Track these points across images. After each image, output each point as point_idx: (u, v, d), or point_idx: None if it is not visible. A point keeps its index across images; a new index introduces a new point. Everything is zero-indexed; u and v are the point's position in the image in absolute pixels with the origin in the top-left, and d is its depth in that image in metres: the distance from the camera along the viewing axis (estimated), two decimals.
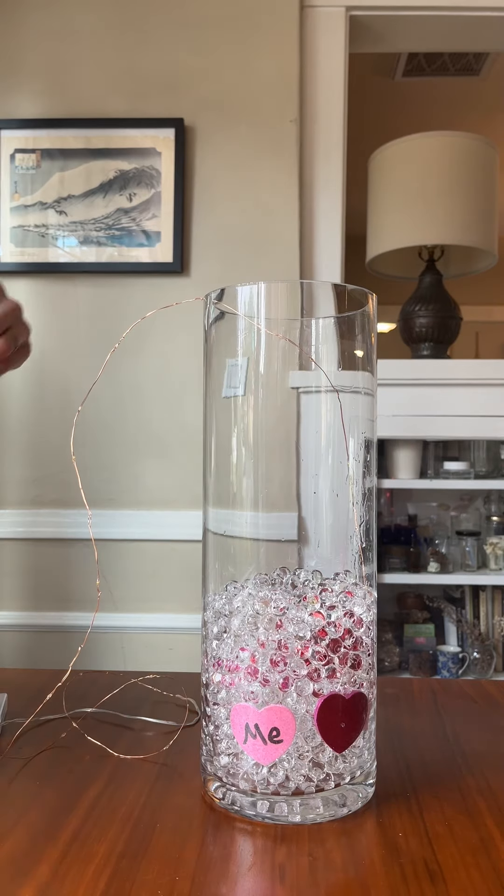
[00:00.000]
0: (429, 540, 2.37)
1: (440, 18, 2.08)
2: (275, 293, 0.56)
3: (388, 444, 2.24)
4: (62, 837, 0.49)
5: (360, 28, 2.11)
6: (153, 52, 1.95)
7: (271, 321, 0.55)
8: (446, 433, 2.18)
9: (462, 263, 2.50)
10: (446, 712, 0.71)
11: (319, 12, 2.02)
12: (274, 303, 0.56)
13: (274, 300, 0.56)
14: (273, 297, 0.55)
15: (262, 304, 0.54)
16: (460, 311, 2.35)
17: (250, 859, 0.46)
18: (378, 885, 0.43)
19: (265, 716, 0.50)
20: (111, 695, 0.73)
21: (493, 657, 2.24)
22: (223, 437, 0.55)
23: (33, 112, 1.93)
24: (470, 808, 0.53)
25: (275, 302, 0.56)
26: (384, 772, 0.58)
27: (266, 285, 0.55)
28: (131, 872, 0.45)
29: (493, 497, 2.43)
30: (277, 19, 1.96)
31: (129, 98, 1.93)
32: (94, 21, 1.95)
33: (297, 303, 0.58)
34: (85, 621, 1.82)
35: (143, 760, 0.60)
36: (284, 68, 1.95)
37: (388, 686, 0.78)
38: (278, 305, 0.56)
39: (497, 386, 2.12)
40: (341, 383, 0.55)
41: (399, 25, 2.12)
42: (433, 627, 2.34)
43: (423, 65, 2.97)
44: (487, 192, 2.24)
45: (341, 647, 0.51)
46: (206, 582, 0.56)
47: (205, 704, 0.55)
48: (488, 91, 3.19)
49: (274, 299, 0.56)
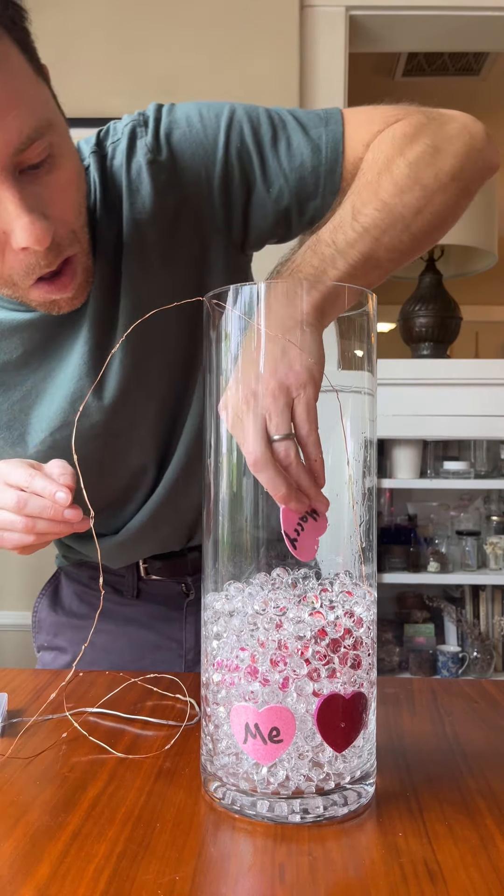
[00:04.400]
0: (429, 540, 2.37)
1: (440, 18, 2.08)
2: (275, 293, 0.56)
3: (388, 444, 2.24)
4: (62, 837, 0.49)
5: (360, 28, 2.11)
6: (153, 52, 1.95)
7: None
8: (446, 433, 2.18)
9: (462, 263, 2.50)
10: (446, 712, 0.71)
11: (319, 12, 2.02)
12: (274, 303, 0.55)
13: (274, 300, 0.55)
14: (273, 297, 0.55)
15: (262, 303, 0.54)
16: (460, 311, 2.35)
17: (250, 859, 0.46)
18: (378, 885, 0.43)
19: (265, 716, 0.50)
20: (111, 695, 0.73)
21: (493, 657, 2.24)
22: (223, 436, 0.55)
23: None
24: (470, 808, 0.53)
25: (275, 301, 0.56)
26: (384, 772, 0.58)
27: (266, 285, 0.55)
28: (131, 872, 0.45)
29: (493, 497, 2.43)
30: (277, 19, 1.96)
31: (129, 98, 1.93)
32: (93, 21, 1.95)
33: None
34: None
35: (143, 760, 0.60)
36: (284, 68, 1.95)
37: (388, 686, 0.78)
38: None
39: (497, 386, 2.12)
40: (341, 383, 0.55)
41: (399, 25, 2.12)
42: (433, 627, 2.34)
43: (423, 65, 2.97)
44: (487, 192, 2.24)
45: (341, 647, 0.51)
46: (206, 582, 0.56)
47: (205, 704, 0.55)
48: (488, 91, 3.19)
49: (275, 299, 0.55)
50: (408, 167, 0.65)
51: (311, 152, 0.71)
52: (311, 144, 0.71)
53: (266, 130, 0.72)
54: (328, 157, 0.71)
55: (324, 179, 0.72)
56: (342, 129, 0.72)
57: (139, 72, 1.95)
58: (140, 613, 0.93)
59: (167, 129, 0.72)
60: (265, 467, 0.52)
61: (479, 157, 0.69)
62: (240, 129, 0.71)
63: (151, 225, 0.71)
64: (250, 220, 0.74)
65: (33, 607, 0.98)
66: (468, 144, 0.68)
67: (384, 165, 0.65)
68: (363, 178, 0.66)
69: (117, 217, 0.72)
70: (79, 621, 0.94)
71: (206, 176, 0.71)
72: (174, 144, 0.71)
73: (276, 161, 0.71)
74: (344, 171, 0.71)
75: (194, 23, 1.95)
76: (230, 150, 0.71)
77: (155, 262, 0.73)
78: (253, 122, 0.72)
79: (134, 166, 0.71)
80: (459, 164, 0.67)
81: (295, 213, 0.73)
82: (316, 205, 0.73)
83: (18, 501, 0.66)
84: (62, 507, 0.66)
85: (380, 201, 0.63)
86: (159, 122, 0.72)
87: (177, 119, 0.72)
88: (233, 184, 0.72)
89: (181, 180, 0.71)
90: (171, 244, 0.73)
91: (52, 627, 0.95)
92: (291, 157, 0.71)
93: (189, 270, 0.75)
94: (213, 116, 0.72)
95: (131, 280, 0.72)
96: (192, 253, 0.74)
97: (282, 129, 0.72)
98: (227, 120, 0.71)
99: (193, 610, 0.93)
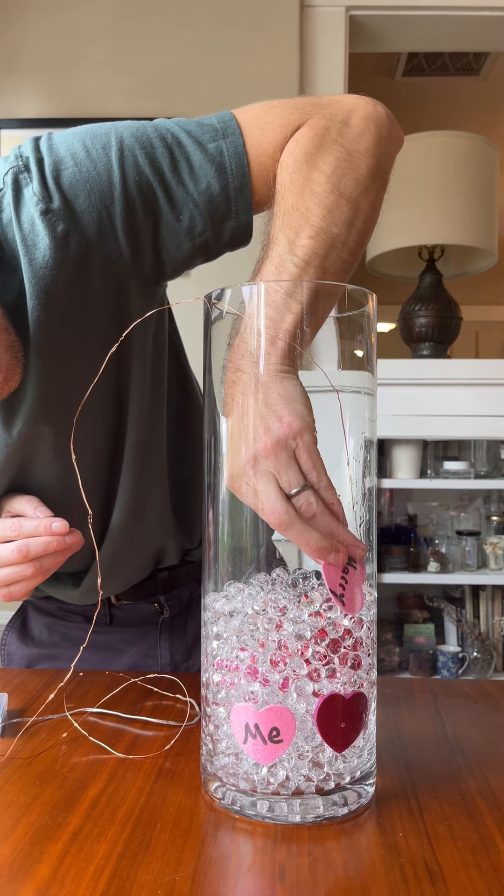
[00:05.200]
0: (429, 540, 2.37)
1: (440, 18, 2.08)
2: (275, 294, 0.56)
3: (388, 444, 2.24)
4: (62, 837, 0.49)
5: (360, 28, 2.11)
6: (153, 52, 1.95)
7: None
8: (446, 433, 2.18)
9: (462, 263, 2.50)
10: (446, 712, 0.71)
11: (319, 12, 2.02)
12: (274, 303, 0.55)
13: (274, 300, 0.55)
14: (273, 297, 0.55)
15: (262, 303, 0.54)
16: (460, 311, 2.35)
17: (250, 859, 0.46)
18: (378, 885, 0.43)
19: (265, 716, 0.50)
20: (111, 695, 0.73)
21: (493, 657, 2.24)
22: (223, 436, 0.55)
23: (33, 112, 1.93)
24: (470, 808, 0.53)
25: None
26: (384, 772, 0.58)
27: (266, 285, 0.55)
28: (131, 872, 0.45)
29: (493, 497, 2.43)
30: (277, 19, 1.96)
31: (129, 98, 1.93)
32: (94, 21, 1.96)
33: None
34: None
35: (143, 760, 0.60)
36: (284, 68, 1.95)
37: (388, 686, 0.78)
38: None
39: (497, 386, 2.12)
40: (341, 383, 0.55)
41: (399, 25, 2.12)
42: (433, 627, 2.34)
43: (423, 65, 2.97)
44: (487, 192, 2.24)
45: (341, 647, 0.51)
46: (206, 582, 0.56)
47: (205, 704, 0.55)
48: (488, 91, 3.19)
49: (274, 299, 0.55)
50: (328, 182, 0.62)
51: (216, 172, 0.66)
52: (214, 163, 0.66)
53: (163, 155, 0.66)
54: (234, 172, 0.66)
55: (235, 197, 0.67)
56: (243, 141, 0.67)
57: (139, 72, 1.95)
58: (115, 640, 0.91)
59: (54, 172, 0.64)
60: (292, 524, 0.52)
61: (388, 143, 0.66)
62: (133, 160, 0.65)
63: (57, 278, 0.65)
64: (162, 255, 0.69)
65: (1, 640, 0.97)
66: (376, 135, 0.65)
67: (303, 185, 0.62)
68: (285, 203, 0.62)
69: (20, 278, 0.65)
70: (51, 650, 0.93)
71: (107, 217, 0.65)
72: (65, 187, 0.64)
73: (180, 187, 0.66)
74: (253, 185, 0.67)
75: (194, 23, 1.95)
76: (128, 185, 0.65)
77: (67, 315, 0.67)
78: (146, 150, 0.66)
79: (25, 219, 0.64)
80: (375, 161, 0.64)
81: (212, 238, 0.68)
82: (231, 225, 0.68)
83: (20, 551, 0.66)
84: (63, 534, 0.66)
85: (311, 227, 0.60)
86: (42, 163, 0.65)
87: (61, 157, 0.65)
88: (138, 221, 0.66)
89: (81, 225, 0.64)
90: (83, 292, 0.67)
91: (24, 660, 0.94)
92: (196, 181, 0.66)
93: (106, 315, 0.69)
94: (99, 149, 0.65)
95: (44, 335, 0.66)
96: (108, 296, 0.69)
97: (178, 150, 0.66)
98: (117, 152, 0.65)
99: (167, 627, 0.91)
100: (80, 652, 0.67)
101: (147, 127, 0.67)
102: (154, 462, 0.79)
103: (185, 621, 0.92)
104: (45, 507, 0.70)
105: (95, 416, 0.72)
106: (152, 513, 0.81)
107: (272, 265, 0.59)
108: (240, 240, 0.69)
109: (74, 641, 0.91)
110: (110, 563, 0.81)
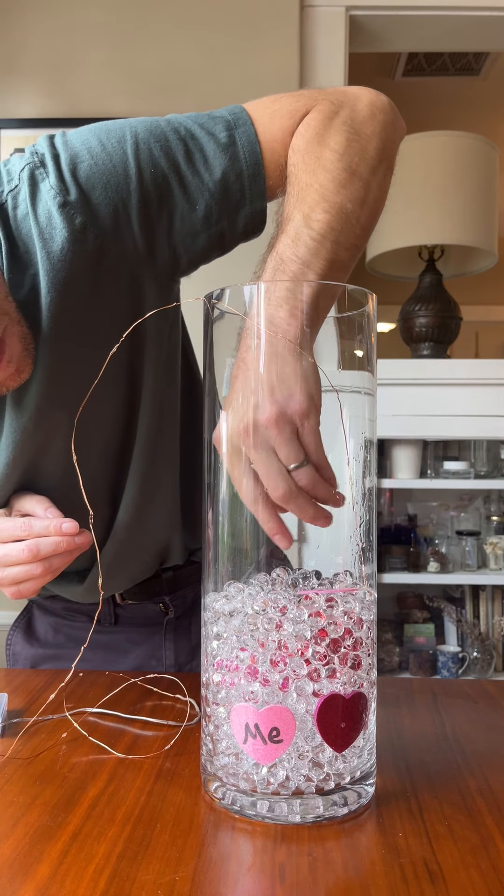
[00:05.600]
0: (429, 540, 2.37)
1: (440, 18, 2.08)
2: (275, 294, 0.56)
3: (388, 444, 2.24)
4: (62, 837, 0.49)
5: (360, 28, 2.11)
6: (153, 52, 1.95)
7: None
8: (446, 433, 2.18)
9: (462, 263, 2.50)
10: (446, 712, 0.71)
11: (319, 12, 2.02)
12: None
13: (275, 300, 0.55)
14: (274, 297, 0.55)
15: (262, 303, 0.54)
16: (460, 311, 2.35)
17: (250, 859, 0.46)
18: (378, 885, 0.43)
19: (265, 716, 0.50)
20: (111, 695, 0.73)
21: (493, 657, 2.24)
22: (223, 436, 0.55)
23: (33, 112, 1.93)
24: (470, 808, 0.53)
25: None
26: (384, 772, 0.58)
27: (266, 285, 0.55)
28: (131, 872, 0.45)
29: (493, 497, 2.43)
30: (277, 19, 1.96)
31: (129, 98, 1.93)
32: (94, 21, 1.95)
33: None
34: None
35: (143, 760, 0.60)
36: (284, 68, 1.95)
37: (388, 686, 0.78)
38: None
39: (497, 386, 2.12)
40: (341, 383, 0.55)
41: (399, 25, 2.12)
42: (433, 627, 2.34)
43: (423, 65, 2.97)
44: (487, 192, 2.24)
45: (341, 647, 0.51)
46: (206, 582, 0.56)
47: (205, 704, 0.55)
48: (488, 91, 3.19)
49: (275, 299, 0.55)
50: (340, 159, 0.63)
51: (230, 160, 0.67)
52: (228, 152, 0.67)
53: (177, 147, 0.67)
54: (248, 160, 0.67)
55: (248, 184, 0.68)
56: (254, 130, 0.68)
57: (139, 72, 1.95)
58: (120, 640, 0.92)
59: (70, 165, 0.65)
60: (296, 497, 0.53)
61: (393, 130, 0.68)
62: (149, 153, 0.66)
63: (72, 271, 0.66)
64: (178, 247, 0.69)
65: (6, 640, 0.96)
66: (382, 121, 0.67)
67: (315, 163, 0.63)
68: (299, 182, 0.63)
69: (33, 273, 0.66)
70: (56, 650, 0.93)
71: (123, 209, 0.66)
72: (82, 180, 0.65)
73: (195, 178, 0.67)
74: (266, 172, 0.68)
75: (194, 23, 1.95)
76: (144, 177, 0.66)
77: (80, 309, 0.68)
78: (161, 142, 0.67)
79: (42, 213, 0.65)
80: (381, 144, 0.66)
81: (227, 226, 0.69)
82: (246, 213, 0.69)
83: (30, 550, 0.66)
84: (73, 534, 0.66)
85: (326, 202, 0.61)
86: (58, 158, 0.65)
87: (77, 152, 0.66)
88: (153, 213, 0.67)
89: (98, 218, 0.65)
90: (97, 285, 0.68)
91: (29, 660, 0.94)
92: (211, 170, 0.67)
93: (121, 309, 0.70)
94: (115, 143, 0.66)
95: (56, 328, 0.67)
96: (122, 290, 0.70)
97: (192, 141, 0.67)
98: (132, 145, 0.66)
99: (172, 627, 0.92)
100: (82, 652, 0.67)
101: (160, 121, 0.69)
102: (164, 456, 0.80)
103: (189, 622, 0.92)
104: (55, 507, 0.71)
105: (107, 406, 0.73)
106: (160, 506, 0.82)
107: (287, 239, 0.60)
108: (254, 227, 0.71)
109: (79, 641, 0.91)
110: (116, 559, 0.81)
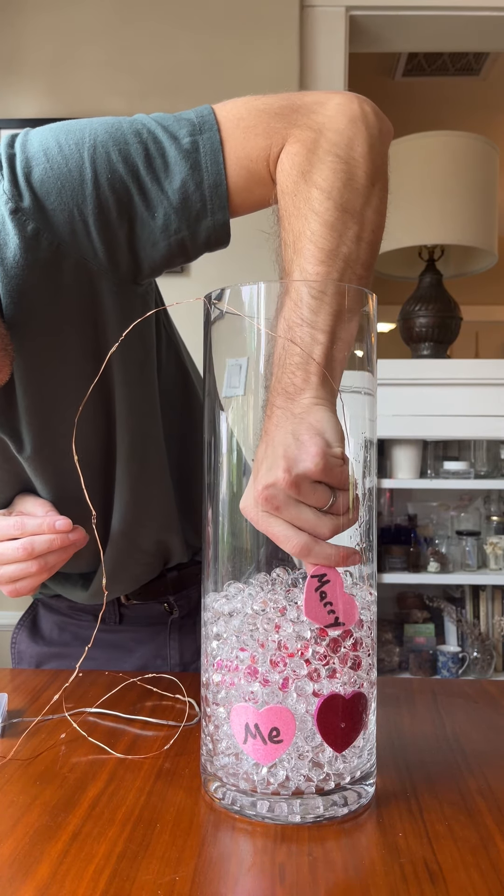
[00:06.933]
0: (429, 540, 2.37)
1: (440, 18, 2.08)
2: (275, 293, 0.56)
3: (388, 444, 2.24)
4: (62, 837, 0.49)
5: (360, 28, 2.11)
6: (153, 52, 1.95)
7: (271, 321, 0.55)
8: (446, 433, 2.18)
9: (462, 263, 2.50)
10: (446, 712, 0.71)
11: (319, 12, 2.02)
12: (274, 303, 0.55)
13: (274, 300, 0.55)
14: (273, 297, 0.55)
15: (263, 303, 0.54)
16: (460, 311, 2.35)
17: (250, 859, 0.46)
18: (378, 885, 0.43)
19: (265, 716, 0.50)
20: (111, 694, 0.73)
21: (493, 657, 2.24)
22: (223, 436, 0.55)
23: (33, 112, 1.94)
24: (470, 808, 0.53)
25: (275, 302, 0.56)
26: (384, 772, 0.58)
27: (266, 285, 0.55)
28: (131, 872, 0.45)
29: (493, 497, 2.43)
30: (277, 19, 1.96)
31: (129, 98, 1.93)
32: (94, 21, 1.96)
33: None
34: None
35: (142, 761, 0.60)
36: (284, 68, 1.95)
37: (388, 686, 0.78)
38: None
39: (497, 386, 2.12)
40: (341, 383, 0.55)
41: (399, 25, 2.12)
42: (433, 627, 2.34)
43: (423, 65, 2.97)
44: (487, 192, 2.24)
45: (341, 647, 0.51)
46: (206, 582, 0.56)
47: (205, 705, 0.55)
48: (488, 91, 3.19)
49: (274, 299, 0.55)
50: (328, 198, 0.60)
51: (190, 168, 0.64)
52: (189, 159, 0.64)
53: (137, 152, 0.64)
54: (210, 169, 0.64)
55: (210, 195, 0.65)
56: (220, 137, 0.65)
57: (139, 72, 1.95)
58: (125, 639, 0.92)
59: (25, 169, 0.63)
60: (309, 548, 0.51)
61: (380, 142, 0.65)
62: (106, 157, 0.63)
63: (27, 278, 0.64)
64: (139, 254, 0.67)
65: (11, 638, 0.97)
66: (367, 138, 0.63)
67: (305, 206, 0.60)
68: (293, 229, 0.61)
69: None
70: (61, 649, 0.93)
71: (79, 215, 0.64)
72: (36, 185, 0.63)
73: (154, 184, 0.64)
74: (229, 182, 0.65)
75: (194, 23, 1.95)
76: (100, 182, 0.63)
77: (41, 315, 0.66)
78: (120, 146, 0.64)
79: None
80: (371, 165, 0.63)
81: (188, 237, 0.67)
82: (208, 224, 0.66)
83: (25, 548, 0.66)
84: (66, 532, 0.67)
85: (321, 251, 0.59)
86: (14, 161, 0.63)
87: (33, 154, 0.64)
88: (111, 219, 0.64)
89: (52, 224, 0.63)
90: (56, 291, 0.66)
91: (34, 658, 0.94)
92: (170, 177, 0.64)
93: (81, 314, 0.68)
94: (72, 146, 0.64)
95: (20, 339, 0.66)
96: (82, 294, 0.68)
97: (154, 145, 0.65)
98: (89, 149, 0.64)
99: (177, 627, 0.92)
100: (86, 652, 0.67)
101: (123, 123, 0.66)
102: (152, 460, 0.79)
103: (194, 621, 0.93)
104: (56, 511, 0.71)
105: (82, 417, 0.70)
106: (155, 510, 0.82)
107: (291, 301, 0.57)
108: (217, 240, 0.68)
109: (84, 640, 0.91)
110: (117, 563, 0.81)
